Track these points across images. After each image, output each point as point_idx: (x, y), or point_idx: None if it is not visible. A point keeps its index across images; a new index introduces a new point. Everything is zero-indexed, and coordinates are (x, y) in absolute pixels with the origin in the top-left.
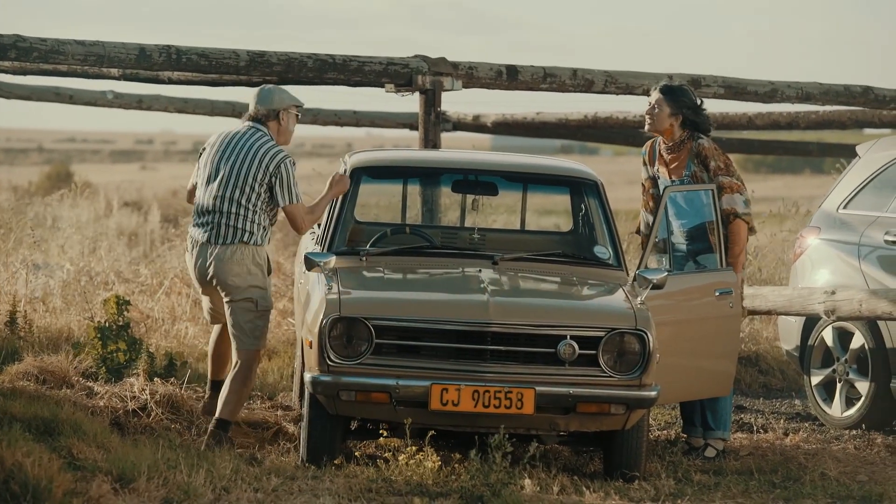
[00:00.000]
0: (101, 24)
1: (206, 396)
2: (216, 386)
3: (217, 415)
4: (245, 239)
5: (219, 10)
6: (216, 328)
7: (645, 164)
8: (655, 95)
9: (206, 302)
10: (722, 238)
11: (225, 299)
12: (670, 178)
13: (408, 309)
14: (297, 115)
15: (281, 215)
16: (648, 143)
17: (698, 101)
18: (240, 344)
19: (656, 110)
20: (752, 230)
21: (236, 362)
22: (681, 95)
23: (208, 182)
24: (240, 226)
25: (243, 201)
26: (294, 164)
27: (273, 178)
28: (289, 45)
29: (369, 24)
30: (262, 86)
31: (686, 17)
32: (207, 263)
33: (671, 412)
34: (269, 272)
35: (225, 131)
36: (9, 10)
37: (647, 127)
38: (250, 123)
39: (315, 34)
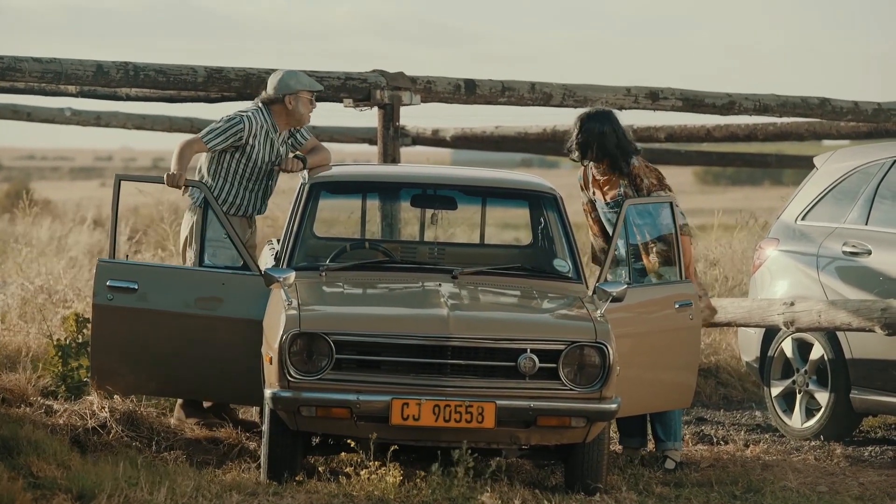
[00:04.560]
0: (58, 41)
1: None
2: None
3: None
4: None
5: (176, 24)
6: None
7: (582, 188)
8: (575, 129)
9: None
10: (680, 251)
11: None
12: (605, 199)
13: (368, 324)
14: (311, 99)
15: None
16: (582, 167)
17: (619, 122)
18: None
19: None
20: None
21: None
22: (600, 124)
23: None
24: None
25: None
26: (237, 121)
27: None
28: (249, 59)
29: (332, 37)
30: (278, 70)
31: (645, 28)
32: None
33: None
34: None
35: None
36: None
37: (574, 157)
38: (258, 105)
39: (276, 47)
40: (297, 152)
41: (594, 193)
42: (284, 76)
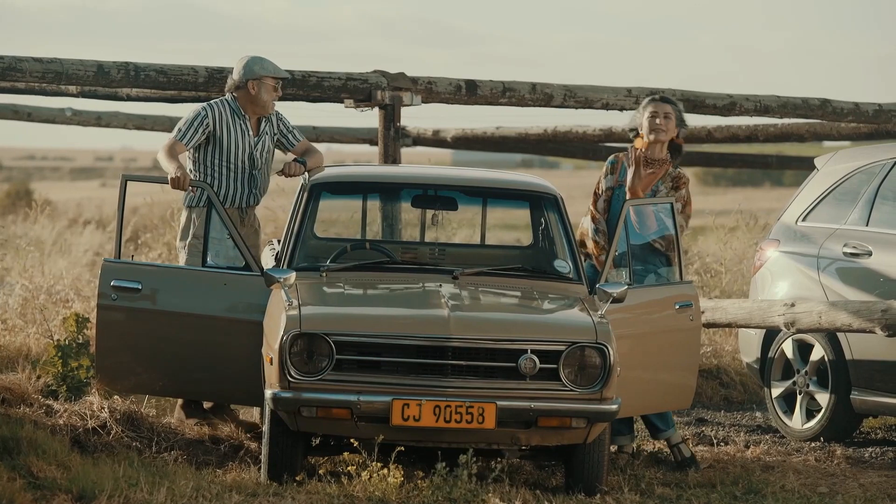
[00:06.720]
0: (59, 41)
1: None
2: None
3: None
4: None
5: (177, 24)
6: None
7: (612, 172)
8: (665, 107)
9: None
10: (681, 252)
11: None
12: (641, 193)
13: (368, 324)
14: (276, 86)
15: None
16: (622, 154)
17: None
18: None
19: (668, 120)
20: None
21: None
22: (680, 108)
23: None
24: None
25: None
26: (200, 112)
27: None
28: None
29: (333, 37)
30: (244, 55)
31: (646, 29)
32: None
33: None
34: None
35: None
36: None
37: (652, 138)
38: (227, 95)
39: (277, 48)
40: (297, 157)
41: (623, 182)
42: (249, 62)
